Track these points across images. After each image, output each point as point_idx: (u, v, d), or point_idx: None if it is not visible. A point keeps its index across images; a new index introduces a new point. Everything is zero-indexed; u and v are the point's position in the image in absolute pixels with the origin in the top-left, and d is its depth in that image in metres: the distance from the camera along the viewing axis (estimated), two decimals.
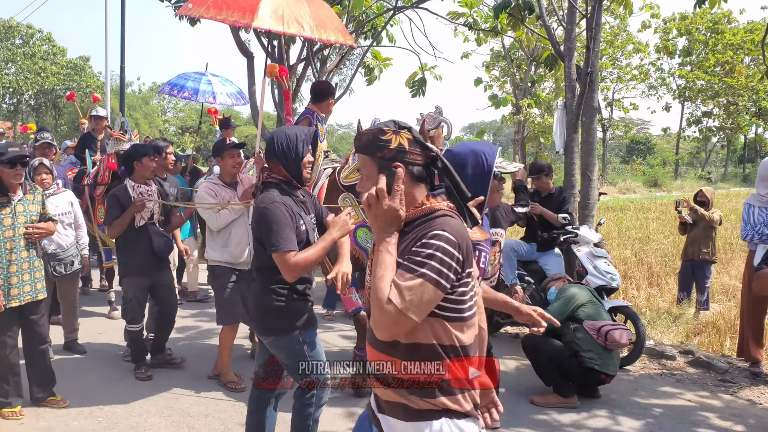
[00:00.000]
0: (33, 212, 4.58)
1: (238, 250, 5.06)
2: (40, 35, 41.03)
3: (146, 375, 5.34)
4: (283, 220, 3.17)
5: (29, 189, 4.63)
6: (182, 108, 54.26)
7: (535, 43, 11.63)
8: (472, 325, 2.07)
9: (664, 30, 38.43)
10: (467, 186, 2.17)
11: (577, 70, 6.90)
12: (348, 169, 4.96)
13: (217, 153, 5.27)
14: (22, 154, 4.53)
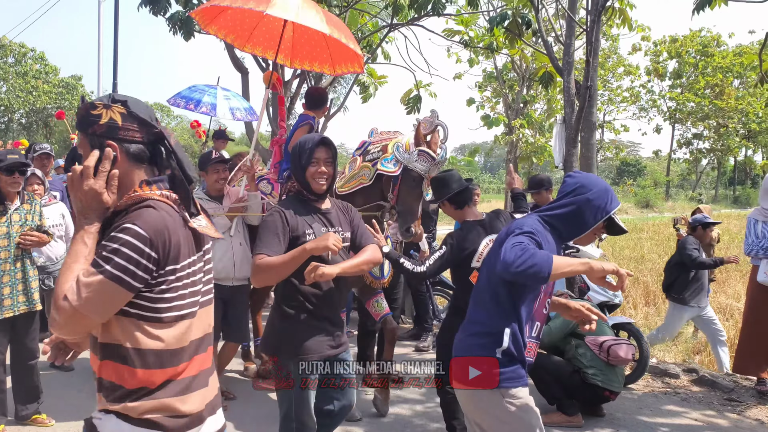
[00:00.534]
0: (30, 222, 4.45)
1: (220, 264, 4.88)
2: (32, 54, 40.98)
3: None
4: (271, 226, 3.02)
5: (27, 199, 4.51)
6: (174, 128, 54.22)
7: (531, 62, 11.62)
8: (179, 326, 1.88)
9: (654, 52, 38.83)
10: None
11: (575, 85, 6.85)
12: (344, 179, 4.87)
13: (201, 167, 5.13)
14: (21, 161, 4.42)
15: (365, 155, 4.79)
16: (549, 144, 23.02)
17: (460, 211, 4.19)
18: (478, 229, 4.06)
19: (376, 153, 4.67)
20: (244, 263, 5.00)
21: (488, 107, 25.92)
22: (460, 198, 4.17)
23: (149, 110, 1.96)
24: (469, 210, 4.21)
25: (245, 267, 5.02)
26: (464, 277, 4.04)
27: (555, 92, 23.60)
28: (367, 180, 4.69)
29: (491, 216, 4.22)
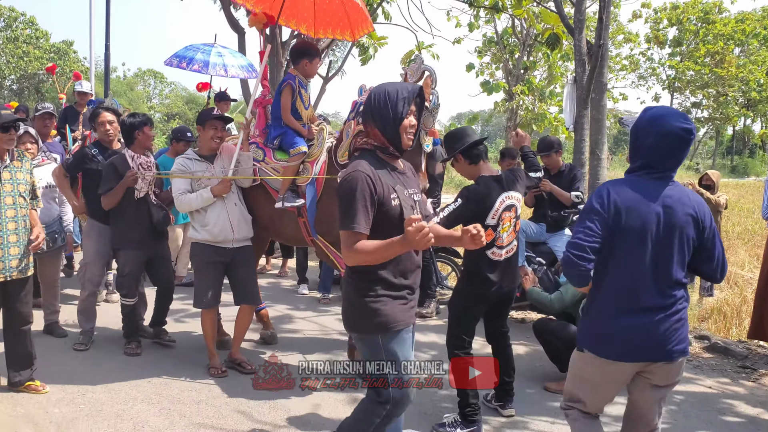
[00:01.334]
0: (21, 180, 4.22)
1: (216, 228, 4.71)
2: (23, 18, 40.23)
3: (136, 351, 5.20)
4: (360, 194, 2.64)
5: (17, 155, 4.26)
6: (168, 95, 53.63)
7: (537, 22, 11.25)
8: None
9: (654, 19, 38.31)
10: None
11: (587, 44, 6.59)
12: (343, 147, 4.60)
13: (200, 121, 4.88)
14: (17, 117, 4.23)
15: (357, 116, 4.46)
16: (549, 111, 22.75)
17: (474, 167, 4.00)
18: (494, 184, 3.89)
19: None
20: (242, 224, 4.84)
21: (488, 73, 25.53)
22: (475, 152, 3.97)
23: None
24: (485, 165, 4.02)
25: (243, 227, 4.86)
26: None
27: (556, 58, 23.37)
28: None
29: (508, 173, 4.03)
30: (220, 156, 4.90)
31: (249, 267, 4.98)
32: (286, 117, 4.94)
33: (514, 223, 3.97)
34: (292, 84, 4.93)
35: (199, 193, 4.70)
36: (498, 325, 4.23)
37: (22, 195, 4.21)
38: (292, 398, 4.44)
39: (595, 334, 2.81)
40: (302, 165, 4.87)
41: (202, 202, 4.70)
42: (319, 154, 4.84)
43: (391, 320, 2.79)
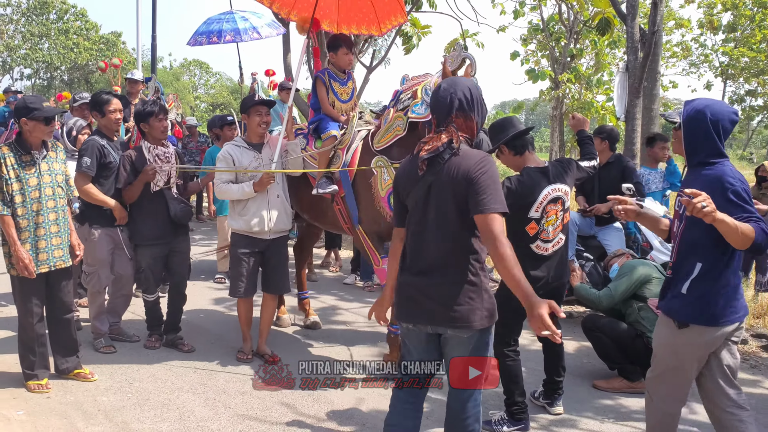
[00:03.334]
0: (57, 170, 4.28)
1: (255, 219, 4.74)
2: (73, 11, 41.18)
3: (155, 344, 5.13)
4: (499, 179, 2.65)
5: (51, 146, 4.32)
6: (213, 85, 54.28)
7: (587, 7, 11.01)
8: None
9: (708, 4, 37.04)
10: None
11: (639, 30, 6.37)
12: (381, 132, 4.60)
13: (243, 109, 4.90)
14: (60, 110, 4.36)
15: (397, 104, 4.49)
16: (596, 100, 22.26)
17: (519, 158, 3.89)
18: (539, 176, 3.77)
19: (407, 100, 4.36)
20: (282, 216, 4.85)
21: (533, 61, 25.11)
22: (520, 142, 3.87)
23: None
24: (530, 156, 3.90)
25: (283, 220, 4.86)
26: (520, 227, 3.77)
27: (604, 45, 22.84)
28: (401, 130, 4.41)
29: (555, 164, 3.90)
30: (267, 145, 4.89)
31: (281, 256, 4.99)
32: (325, 108, 5.05)
33: (561, 217, 3.84)
34: (321, 78, 5.07)
35: (240, 185, 4.71)
36: None
37: (59, 185, 4.28)
38: (335, 391, 4.41)
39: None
40: (334, 152, 4.89)
41: (241, 195, 4.70)
42: (349, 140, 4.84)
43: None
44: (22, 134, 4.15)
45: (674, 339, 3.03)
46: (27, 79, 41.68)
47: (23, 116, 4.08)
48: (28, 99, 4.19)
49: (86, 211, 4.94)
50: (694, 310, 2.95)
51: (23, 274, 4.05)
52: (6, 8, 39.49)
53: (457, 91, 2.77)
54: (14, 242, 4.02)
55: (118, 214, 4.91)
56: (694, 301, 2.95)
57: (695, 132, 2.94)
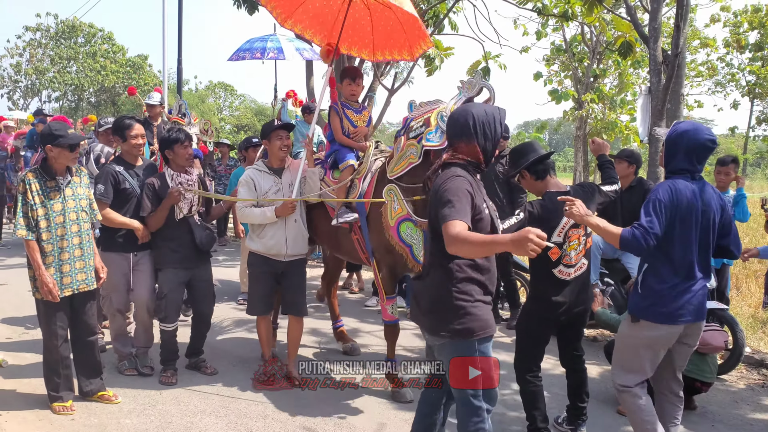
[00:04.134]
0: (81, 195, 4.35)
1: (272, 241, 4.82)
2: (101, 34, 42.02)
3: (171, 380, 4.93)
4: (464, 192, 2.81)
5: (75, 171, 4.40)
6: (237, 107, 54.86)
7: (609, 29, 11.00)
8: None
9: (734, 23, 36.77)
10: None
11: (662, 53, 6.34)
12: (394, 161, 4.57)
13: (264, 135, 4.95)
14: (83, 137, 4.39)
15: (408, 133, 4.44)
16: (620, 120, 22.15)
17: (541, 182, 3.90)
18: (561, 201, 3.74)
19: (419, 128, 4.32)
20: (298, 239, 4.90)
21: (556, 81, 25.06)
22: (541, 167, 3.88)
23: None
24: (552, 180, 3.90)
25: (299, 244, 4.92)
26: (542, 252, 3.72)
27: (627, 66, 22.76)
28: (416, 159, 4.34)
29: (577, 189, 3.88)
30: (288, 170, 4.95)
31: (299, 277, 5.02)
32: (339, 138, 5.10)
33: (584, 241, 3.81)
34: (334, 108, 5.15)
35: (262, 210, 4.77)
36: (571, 348, 4.07)
37: (83, 210, 4.35)
38: (358, 416, 4.40)
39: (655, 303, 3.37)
40: (351, 182, 4.90)
41: (263, 220, 4.77)
42: (366, 170, 4.85)
43: (488, 325, 2.93)
44: (48, 160, 4.25)
45: (629, 331, 3.49)
46: (55, 101, 42.49)
47: (49, 143, 4.18)
48: (54, 126, 4.29)
49: (101, 236, 5.03)
50: (643, 305, 3.40)
51: (47, 297, 4.12)
52: (36, 33, 40.46)
53: (462, 117, 3.02)
54: (39, 266, 4.09)
55: (141, 233, 4.86)
56: (644, 298, 3.39)
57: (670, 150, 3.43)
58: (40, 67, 40.32)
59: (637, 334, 3.45)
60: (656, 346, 3.44)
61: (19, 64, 40.39)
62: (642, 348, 3.46)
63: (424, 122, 4.27)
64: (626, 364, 3.53)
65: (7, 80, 40.74)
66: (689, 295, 3.34)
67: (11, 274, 8.47)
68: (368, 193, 4.75)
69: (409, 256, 4.44)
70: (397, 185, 4.47)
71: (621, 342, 3.58)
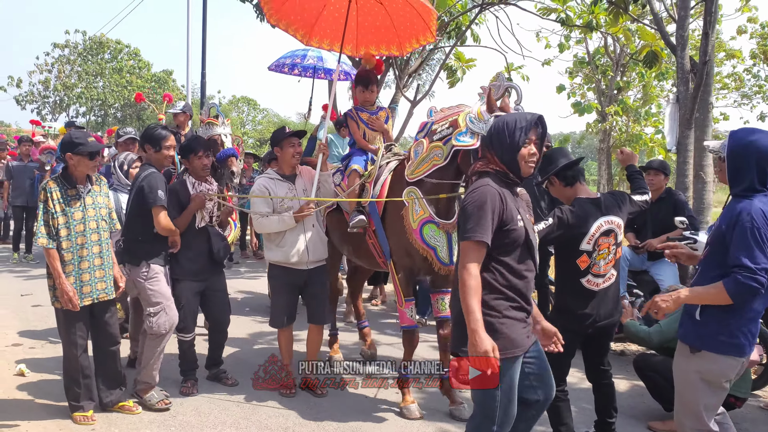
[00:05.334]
0: (101, 204, 4.36)
1: (293, 249, 4.75)
2: (127, 50, 42.65)
3: (191, 390, 4.87)
4: (489, 206, 2.73)
5: (95, 180, 4.40)
6: (260, 121, 55.27)
7: (634, 40, 10.88)
8: None
9: (761, 35, 36.29)
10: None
11: (690, 61, 6.23)
12: (414, 164, 4.50)
13: (275, 143, 4.91)
14: (103, 144, 4.40)
15: (431, 136, 4.39)
16: (644, 132, 21.89)
17: (570, 189, 3.81)
18: (591, 207, 3.66)
19: (446, 130, 4.23)
20: (318, 246, 4.86)
21: (579, 94, 24.88)
22: (571, 173, 3.79)
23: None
24: (581, 187, 3.81)
25: (320, 249, 4.88)
26: (571, 260, 3.66)
27: (651, 78, 22.52)
28: (441, 160, 4.27)
29: (607, 196, 3.79)
30: (300, 176, 4.92)
31: (322, 286, 4.99)
32: (359, 141, 5.19)
33: (613, 251, 3.71)
34: (350, 115, 5.25)
35: (280, 216, 4.72)
36: (598, 362, 3.95)
37: (103, 218, 4.34)
38: (383, 426, 4.31)
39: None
40: (363, 187, 4.91)
41: (282, 226, 4.71)
42: (375, 174, 4.84)
43: (514, 344, 2.79)
44: (68, 168, 4.26)
45: (687, 365, 3.05)
46: (82, 116, 43.08)
47: (69, 151, 4.19)
48: (74, 134, 4.30)
49: (139, 249, 4.61)
50: (705, 335, 2.97)
51: (67, 306, 4.10)
52: (64, 49, 41.17)
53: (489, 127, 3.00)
54: (59, 275, 4.08)
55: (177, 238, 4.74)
56: (705, 326, 2.97)
57: (737, 164, 2.97)
58: (68, 83, 40.99)
59: (697, 368, 3.01)
60: (721, 380, 3.01)
61: (47, 80, 41.08)
62: (704, 383, 3.01)
63: (450, 124, 4.19)
64: (692, 406, 3.07)
65: (37, 96, 41.43)
66: (754, 325, 2.98)
67: (36, 285, 8.52)
68: (381, 197, 4.72)
69: (434, 258, 4.37)
70: (419, 188, 4.41)
71: (680, 381, 3.14)
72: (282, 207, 4.78)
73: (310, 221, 4.81)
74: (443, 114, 4.37)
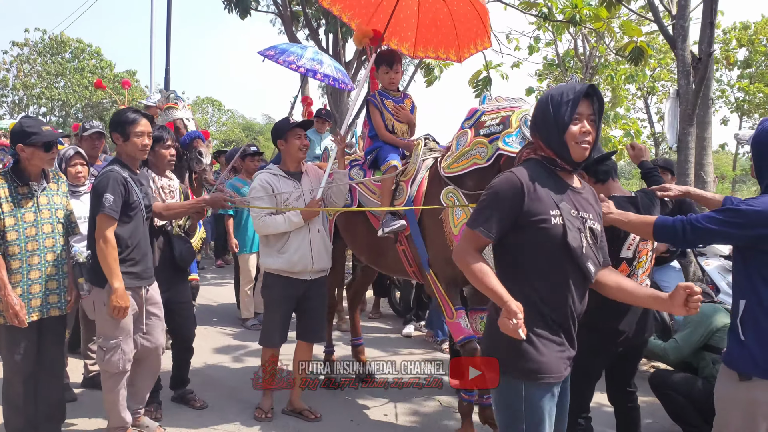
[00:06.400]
0: (58, 205, 3.78)
1: (296, 255, 4.19)
2: (89, 50, 41.61)
3: (156, 415, 4.31)
4: (501, 195, 2.29)
5: (52, 176, 3.82)
6: (225, 122, 54.44)
7: (618, 36, 10.58)
8: None
9: (723, 40, 36.86)
10: None
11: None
12: (452, 157, 3.93)
13: (279, 134, 4.34)
14: (61, 133, 3.84)
15: (477, 128, 3.82)
16: (613, 135, 21.84)
17: (602, 186, 3.36)
18: (629, 207, 3.15)
19: (495, 127, 3.67)
20: (323, 253, 4.30)
21: None
22: (602, 167, 3.35)
23: None
24: (614, 184, 3.38)
25: (324, 257, 4.32)
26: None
27: (621, 80, 22.54)
28: (482, 160, 3.69)
29: (643, 196, 3.35)
30: (306, 174, 4.40)
31: (321, 300, 4.46)
32: (382, 134, 4.51)
33: (650, 257, 3.29)
34: (372, 101, 4.55)
35: (287, 216, 4.17)
36: (624, 383, 3.52)
37: (60, 221, 3.77)
38: None
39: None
40: (397, 185, 4.28)
41: (289, 227, 4.17)
42: (414, 172, 4.22)
43: (544, 369, 2.26)
44: (20, 162, 3.66)
45: (736, 394, 2.56)
46: (42, 117, 41.94)
47: (20, 142, 3.58)
48: (25, 123, 3.67)
49: (91, 264, 3.74)
50: (759, 359, 2.48)
51: (12, 322, 3.49)
52: (23, 48, 39.94)
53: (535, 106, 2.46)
54: (4, 285, 3.49)
55: (117, 302, 3.59)
56: (756, 349, 2.49)
57: (762, 154, 2.60)
58: (27, 83, 39.79)
59: (747, 398, 2.54)
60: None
61: (6, 78, 39.83)
62: (759, 417, 2.52)
63: (502, 121, 3.63)
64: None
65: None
66: None
67: None
68: (418, 198, 4.13)
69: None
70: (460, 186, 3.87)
71: (724, 413, 2.68)
72: (285, 205, 4.24)
73: (316, 225, 4.29)
74: (497, 105, 3.83)
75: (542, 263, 2.28)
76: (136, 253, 3.79)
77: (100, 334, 3.83)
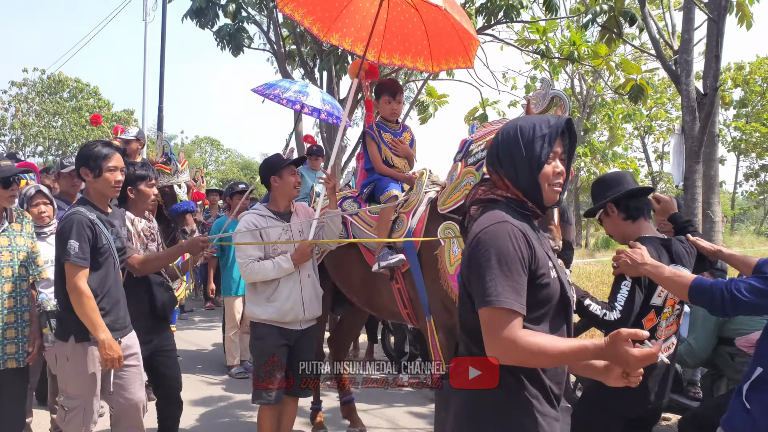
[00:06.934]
0: (21, 246, 3.48)
1: (287, 304, 3.85)
2: (87, 89, 41.82)
3: None
4: (514, 252, 1.82)
5: (16, 217, 3.53)
6: (224, 161, 54.55)
7: (616, 72, 10.46)
8: None
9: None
10: None
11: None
12: (447, 191, 3.67)
13: (273, 171, 4.00)
14: (22, 169, 3.57)
15: (467, 158, 3.58)
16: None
17: (631, 224, 2.96)
18: (662, 251, 2.83)
19: (480, 153, 3.41)
20: (313, 300, 3.97)
21: None
22: (634, 203, 2.94)
23: None
24: (646, 224, 2.98)
25: (315, 305, 3.99)
26: (638, 319, 2.81)
27: (618, 119, 22.59)
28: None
29: (677, 242, 2.97)
30: (296, 214, 4.08)
31: (311, 352, 4.11)
32: (379, 168, 4.24)
33: (678, 312, 2.94)
34: (369, 133, 4.29)
35: (275, 261, 3.83)
36: None
37: (23, 264, 3.47)
38: None
39: None
40: (396, 216, 3.99)
41: (278, 273, 3.83)
42: (416, 203, 3.93)
43: None
44: None
45: None
46: (39, 155, 41.89)
47: None
48: None
49: (68, 319, 3.33)
50: (759, 428, 2.32)
51: None
52: (22, 88, 40.14)
53: (495, 137, 2.06)
54: None
55: (107, 354, 3.28)
56: (757, 416, 2.33)
57: None
58: (26, 122, 39.90)
59: None
60: None
61: (4, 118, 39.92)
62: None
63: (487, 145, 3.32)
64: None
65: None
66: None
67: None
68: (418, 232, 3.82)
69: None
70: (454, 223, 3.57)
71: None
72: (274, 252, 3.90)
73: (306, 270, 3.96)
74: (483, 131, 3.57)
75: (544, 327, 1.91)
76: (106, 302, 3.39)
77: (62, 392, 3.44)
